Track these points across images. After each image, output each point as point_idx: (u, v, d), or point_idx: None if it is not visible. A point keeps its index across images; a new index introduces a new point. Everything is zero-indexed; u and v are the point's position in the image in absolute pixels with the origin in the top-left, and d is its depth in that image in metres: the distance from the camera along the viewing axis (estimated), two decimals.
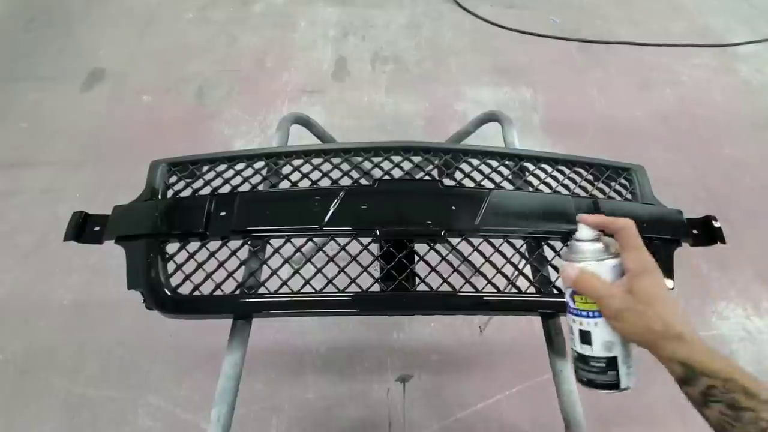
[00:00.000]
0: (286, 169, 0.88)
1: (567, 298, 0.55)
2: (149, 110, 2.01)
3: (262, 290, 0.74)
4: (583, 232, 0.55)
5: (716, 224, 0.83)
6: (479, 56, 2.32)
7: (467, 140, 1.23)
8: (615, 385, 0.53)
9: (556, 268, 0.77)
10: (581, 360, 0.54)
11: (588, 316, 0.52)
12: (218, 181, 0.85)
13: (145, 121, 1.97)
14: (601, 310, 0.51)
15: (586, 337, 0.52)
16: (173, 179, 0.86)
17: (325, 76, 2.19)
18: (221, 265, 0.75)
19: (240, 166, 0.88)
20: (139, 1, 2.52)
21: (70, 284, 1.49)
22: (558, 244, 0.80)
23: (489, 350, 1.41)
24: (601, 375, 0.53)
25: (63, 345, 1.38)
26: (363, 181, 0.85)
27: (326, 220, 0.75)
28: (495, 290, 0.74)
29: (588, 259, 0.53)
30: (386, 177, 0.84)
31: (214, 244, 0.76)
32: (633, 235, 0.52)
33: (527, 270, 0.77)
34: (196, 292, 0.72)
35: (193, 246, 0.77)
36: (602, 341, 0.52)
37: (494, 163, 0.89)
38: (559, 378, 0.71)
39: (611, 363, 0.52)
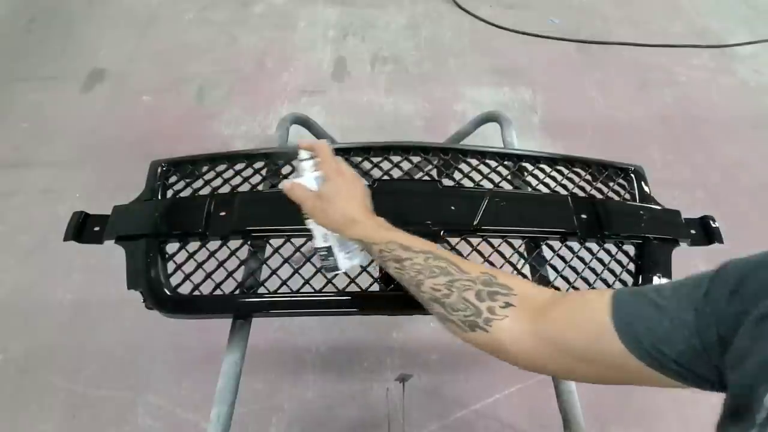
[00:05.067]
0: (286, 169, 0.89)
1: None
2: (149, 110, 2.02)
3: (261, 290, 0.74)
4: (301, 154, 0.68)
5: (714, 224, 0.83)
6: (478, 57, 2.33)
7: (466, 140, 1.23)
8: (335, 268, 0.68)
9: (555, 268, 0.78)
10: (316, 252, 0.69)
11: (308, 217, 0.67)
12: (218, 181, 0.85)
13: (145, 121, 1.97)
14: (303, 209, 0.65)
15: (312, 233, 0.68)
16: (173, 179, 0.87)
17: (325, 76, 2.19)
18: (221, 264, 0.75)
19: (240, 166, 0.88)
20: (139, 2, 2.52)
21: (71, 284, 1.49)
22: (557, 244, 0.80)
23: None
24: (325, 261, 0.68)
25: (63, 345, 1.39)
26: None
27: None
28: None
29: (301, 175, 0.67)
30: (385, 177, 0.85)
31: (213, 244, 0.77)
32: (323, 151, 0.66)
33: (526, 269, 0.78)
34: (196, 292, 0.73)
35: (192, 246, 0.77)
36: (320, 235, 0.67)
37: (493, 163, 0.89)
38: (557, 377, 0.71)
39: (329, 251, 0.67)
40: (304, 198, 0.64)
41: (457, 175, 0.88)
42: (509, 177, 0.88)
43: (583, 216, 0.80)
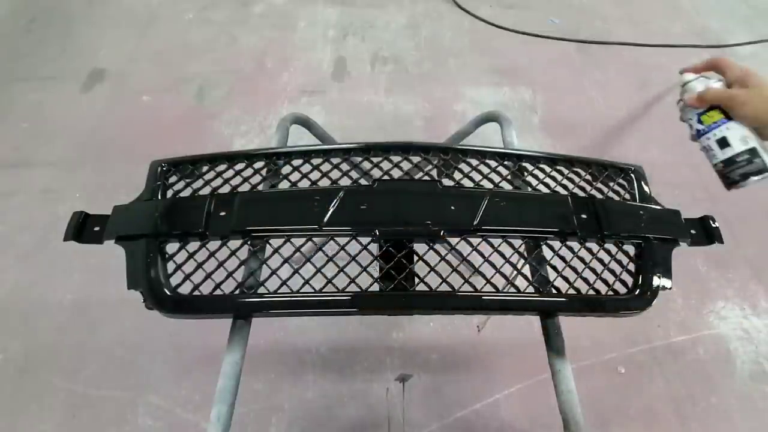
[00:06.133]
0: (286, 169, 0.89)
1: (695, 127, 0.69)
2: (149, 110, 2.02)
3: (261, 290, 0.74)
4: (687, 76, 0.70)
5: (714, 224, 0.83)
6: (478, 57, 2.33)
7: (466, 140, 1.23)
8: (763, 169, 0.64)
9: (555, 268, 0.78)
10: (728, 163, 0.66)
11: (719, 125, 0.65)
12: (218, 181, 0.85)
13: (145, 121, 1.97)
14: (729, 104, 0.64)
15: (724, 142, 0.65)
16: (173, 179, 0.87)
17: (325, 76, 2.19)
18: (221, 264, 0.75)
19: (240, 166, 0.88)
20: (139, 2, 2.52)
21: (70, 284, 1.50)
22: (557, 244, 0.80)
23: (488, 350, 1.41)
24: (749, 165, 0.64)
25: (63, 345, 1.39)
26: (362, 181, 0.86)
27: (326, 220, 0.76)
28: (494, 290, 0.74)
29: (701, 87, 0.67)
30: (385, 177, 0.85)
31: (213, 244, 0.77)
32: (727, 60, 0.67)
33: (526, 270, 0.78)
34: (196, 292, 0.73)
35: (192, 246, 0.77)
36: (738, 138, 0.64)
37: (493, 163, 0.89)
38: (557, 377, 0.71)
39: (753, 152, 0.64)
40: (725, 95, 0.64)
41: (457, 175, 0.88)
42: (509, 177, 0.88)
43: (583, 216, 0.80)
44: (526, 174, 0.89)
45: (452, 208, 0.79)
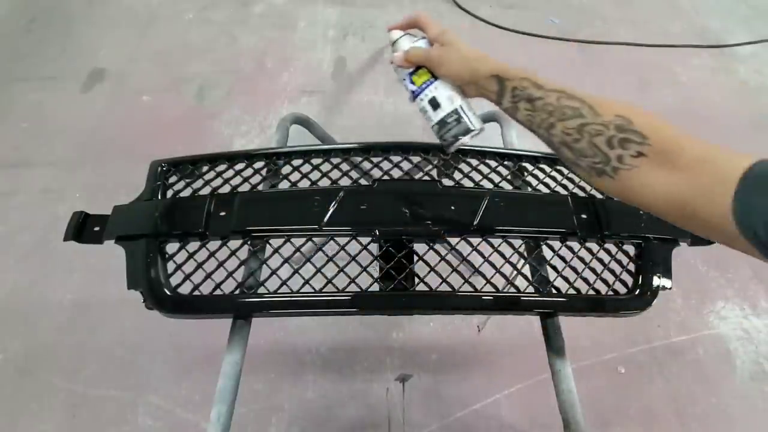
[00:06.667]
0: (286, 169, 0.89)
1: (409, 88, 0.68)
2: (149, 110, 2.01)
3: (261, 290, 0.74)
4: (394, 34, 0.69)
5: None
6: None
7: None
8: (467, 130, 0.65)
9: (555, 268, 0.78)
10: (441, 124, 0.66)
11: (428, 85, 0.65)
12: (218, 181, 0.85)
13: (145, 121, 1.97)
14: (429, 64, 0.65)
15: (435, 103, 0.65)
16: (173, 179, 0.87)
17: (325, 76, 2.19)
18: (221, 264, 0.75)
19: (240, 166, 0.88)
20: (139, 2, 2.52)
21: (70, 284, 1.49)
22: (557, 244, 0.80)
23: (488, 350, 1.41)
24: (458, 125, 0.65)
25: (63, 345, 1.39)
26: (362, 181, 0.86)
27: (326, 220, 0.76)
28: (494, 290, 0.74)
29: (407, 46, 0.67)
30: (385, 177, 0.85)
31: (213, 244, 0.77)
32: (426, 17, 0.67)
33: (526, 270, 0.78)
34: (196, 292, 0.73)
35: (192, 246, 0.77)
36: (445, 98, 0.65)
37: (493, 163, 0.89)
38: (557, 377, 0.71)
39: (459, 112, 0.65)
40: (424, 55, 0.64)
41: (457, 175, 0.88)
42: (509, 177, 0.88)
43: (583, 216, 0.80)
44: (526, 174, 0.89)
45: (452, 208, 0.79)
